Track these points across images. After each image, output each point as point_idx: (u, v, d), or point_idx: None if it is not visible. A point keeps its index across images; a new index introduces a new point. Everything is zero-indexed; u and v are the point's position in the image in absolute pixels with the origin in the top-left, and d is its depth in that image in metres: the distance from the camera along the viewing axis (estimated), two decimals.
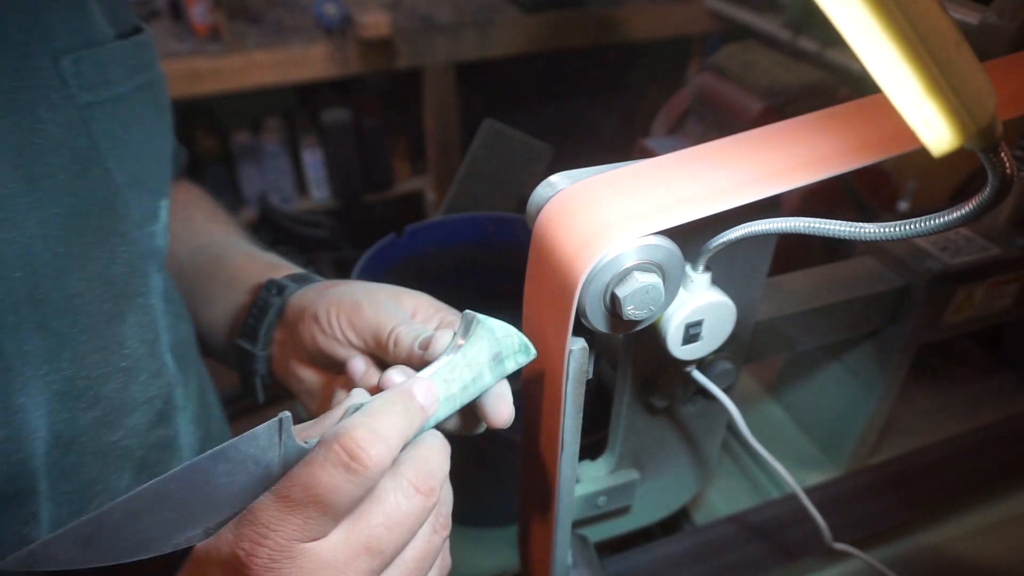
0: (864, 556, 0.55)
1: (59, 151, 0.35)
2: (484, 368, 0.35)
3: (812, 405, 0.76)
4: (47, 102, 0.34)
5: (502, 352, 0.35)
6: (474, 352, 0.34)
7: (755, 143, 0.37)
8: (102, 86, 0.37)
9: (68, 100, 0.35)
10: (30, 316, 0.34)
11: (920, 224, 0.30)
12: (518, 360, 0.36)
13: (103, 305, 0.38)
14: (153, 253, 0.42)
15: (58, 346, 0.36)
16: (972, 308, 0.63)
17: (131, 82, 0.39)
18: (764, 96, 0.94)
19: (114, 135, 0.38)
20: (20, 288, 0.33)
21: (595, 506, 0.52)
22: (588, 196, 0.34)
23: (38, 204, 0.34)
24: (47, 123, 0.34)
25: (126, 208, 0.39)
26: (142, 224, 0.41)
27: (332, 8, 1.58)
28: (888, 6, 0.21)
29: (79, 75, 0.36)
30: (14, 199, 0.33)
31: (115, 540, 0.27)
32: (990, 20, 0.47)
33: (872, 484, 0.65)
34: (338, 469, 0.27)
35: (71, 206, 0.36)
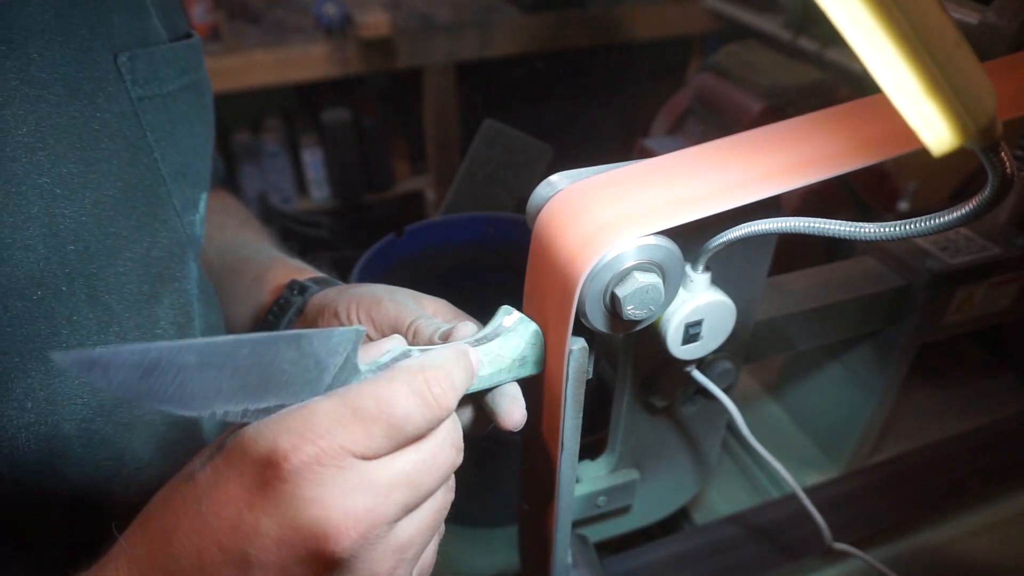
0: (864, 556, 0.55)
1: (114, 139, 0.38)
2: (508, 365, 0.35)
3: (812, 405, 0.76)
4: (105, 93, 0.37)
5: (528, 357, 0.36)
6: (509, 347, 0.35)
7: (755, 143, 0.37)
8: (153, 82, 0.40)
9: (123, 93, 0.38)
10: (83, 288, 0.36)
11: (920, 224, 0.30)
12: (532, 369, 0.37)
13: (143, 285, 0.40)
14: (191, 241, 0.45)
15: (107, 320, 0.38)
16: (972, 308, 0.63)
17: (179, 81, 0.43)
18: (764, 96, 0.94)
19: (162, 128, 0.41)
20: (74, 260, 0.36)
21: (595, 506, 0.52)
22: (588, 196, 0.34)
23: (93, 185, 0.37)
24: (105, 112, 0.37)
25: (168, 197, 0.42)
26: (183, 213, 0.43)
27: (332, 8, 1.58)
28: (888, 6, 0.21)
29: (133, 71, 0.39)
30: (72, 178, 0.35)
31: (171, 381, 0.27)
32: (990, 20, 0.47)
33: (872, 484, 0.65)
34: (418, 398, 0.28)
35: (122, 190, 0.38)
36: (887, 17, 0.21)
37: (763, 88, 0.96)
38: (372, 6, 1.64)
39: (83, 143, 0.36)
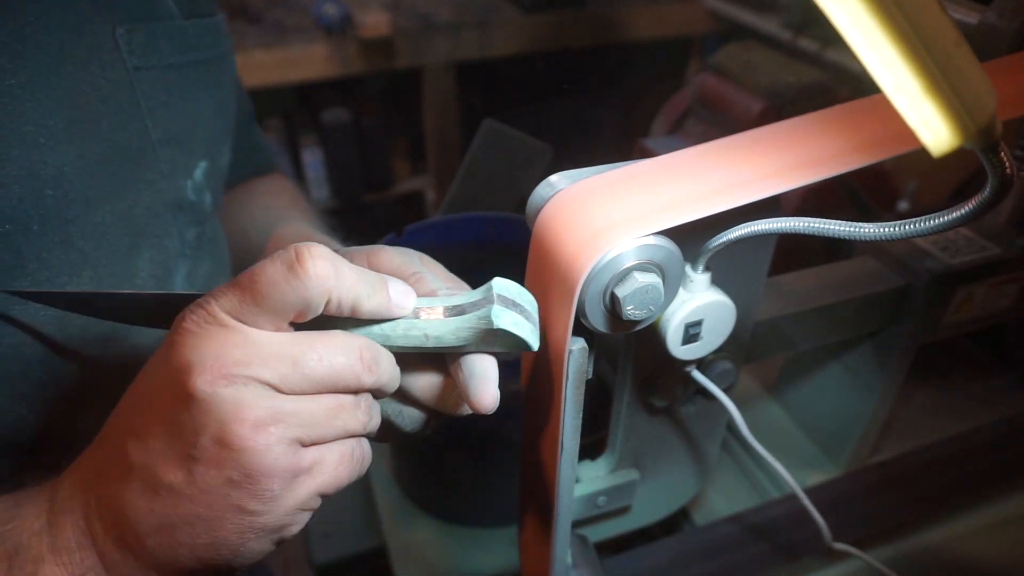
0: (864, 556, 0.55)
1: (105, 102, 0.41)
2: (469, 344, 0.33)
3: (812, 405, 0.76)
4: (100, 61, 0.41)
5: (496, 344, 0.33)
6: (467, 332, 0.33)
7: (755, 143, 0.37)
8: (152, 55, 0.44)
9: (119, 62, 0.42)
10: (56, 230, 0.39)
11: (920, 224, 0.30)
12: (513, 349, 0.34)
13: (123, 238, 0.43)
14: (181, 205, 0.47)
15: (81, 263, 0.41)
16: (972, 308, 0.63)
17: (182, 56, 0.46)
18: (764, 96, 0.94)
19: (156, 97, 0.44)
20: (50, 205, 0.39)
21: (595, 506, 0.52)
22: (588, 196, 0.34)
23: (78, 140, 0.40)
24: (97, 78, 0.41)
25: (156, 161, 0.45)
26: (171, 176, 0.46)
27: (332, 8, 1.58)
28: (888, 6, 0.21)
29: (130, 43, 0.42)
30: (57, 131, 0.39)
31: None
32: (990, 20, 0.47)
33: (872, 484, 0.65)
34: (282, 266, 0.28)
35: (110, 149, 0.42)
36: (887, 17, 0.21)
37: (763, 88, 0.96)
38: (372, 6, 1.64)
39: (72, 102, 0.39)
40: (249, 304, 0.29)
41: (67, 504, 0.30)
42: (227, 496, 0.28)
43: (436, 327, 0.33)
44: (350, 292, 0.30)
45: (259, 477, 0.28)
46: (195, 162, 0.48)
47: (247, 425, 0.27)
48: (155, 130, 0.44)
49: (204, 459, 0.27)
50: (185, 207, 0.48)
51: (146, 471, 0.28)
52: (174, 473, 0.28)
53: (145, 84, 0.43)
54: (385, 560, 0.73)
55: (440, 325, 0.33)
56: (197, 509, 0.28)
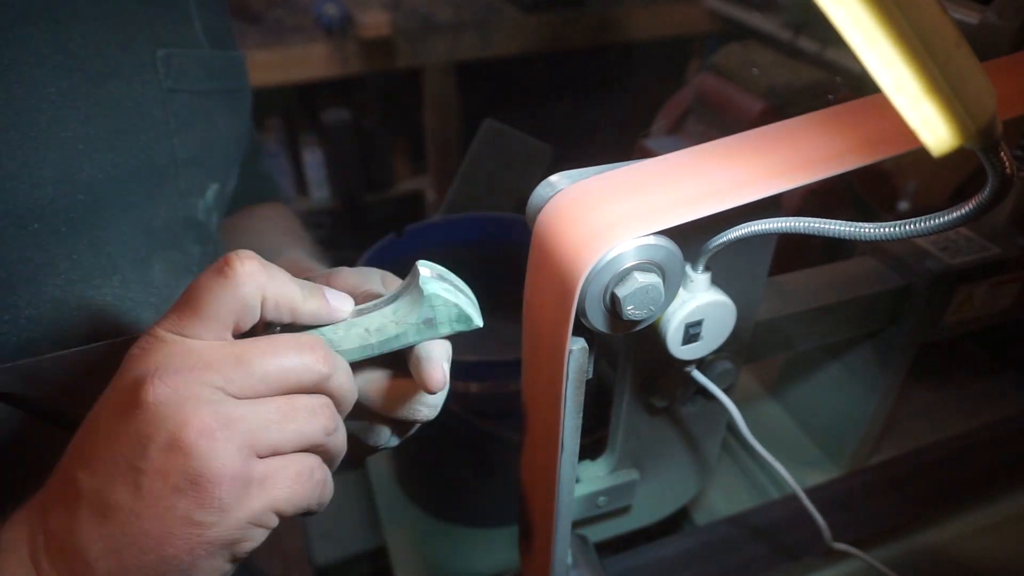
0: (864, 556, 0.55)
1: (143, 118, 0.44)
2: (410, 328, 0.33)
3: (812, 405, 0.76)
4: (140, 79, 0.44)
5: (435, 318, 0.33)
6: (404, 311, 0.33)
7: (755, 143, 0.37)
8: (183, 79, 0.47)
9: (156, 82, 0.45)
10: (85, 233, 0.42)
11: (920, 224, 0.30)
12: (454, 327, 0.34)
13: (142, 248, 0.45)
14: (190, 223, 0.49)
15: (111, 269, 0.43)
16: (972, 308, 0.63)
17: (208, 84, 0.49)
18: (764, 96, 0.94)
19: (184, 118, 0.47)
20: (81, 208, 0.41)
21: (595, 506, 0.52)
22: (588, 196, 0.34)
23: (113, 151, 0.42)
24: (137, 94, 0.44)
25: (177, 178, 0.47)
26: (186, 195, 0.48)
27: (332, 8, 1.58)
28: (888, 6, 0.21)
29: (167, 65, 0.46)
30: (96, 139, 0.41)
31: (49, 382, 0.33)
32: (990, 20, 0.47)
33: (872, 484, 0.65)
34: (212, 273, 0.29)
35: (141, 163, 0.44)
36: (887, 17, 0.21)
37: (763, 88, 0.95)
38: (372, 6, 1.64)
39: (112, 114, 0.42)
40: (188, 316, 0.29)
41: (12, 545, 0.29)
42: (174, 508, 0.27)
43: (374, 319, 0.33)
44: (285, 293, 0.31)
45: (205, 483, 0.27)
46: (209, 184, 0.50)
47: (192, 430, 0.27)
48: (180, 149, 0.47)
49: (150, 470, 0.27)
50: (194, 225, 0.49)
51: (94, 495, 0.28)
52: (122, 491, 0.27)
53: (176, 105, 0.46)
54: (385, 560, 0.73)
55: (377, 316, 0.33)
56: (145, 526, 0.27)
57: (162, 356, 0.28)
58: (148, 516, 0.27)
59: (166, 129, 0.46)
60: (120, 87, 0.43)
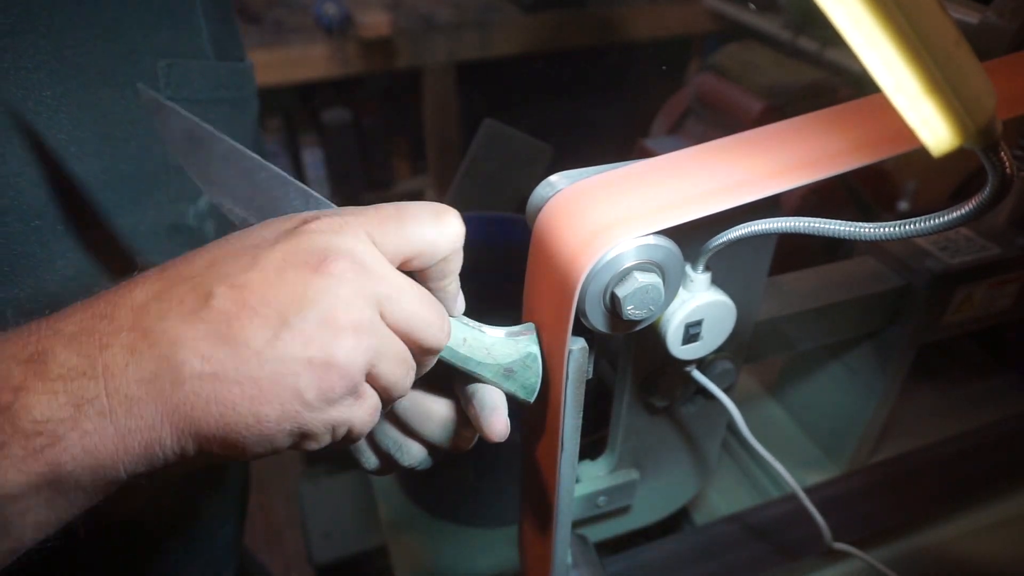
0: (864, 556, 0.55)
1: (136, 125, 0.45)
2: (492, 367, 0.35)
3: (812, 405, 0.76)
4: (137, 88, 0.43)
5: (516, 376, 0.35)
6: (500, 352, 0.35)
7: (755, 143, 0.37)
8: (184, 88, 0.47)
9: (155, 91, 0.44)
10: (74, 234, 0.42)
11: (920, 224, 0.30)
12: (518, 392, 0.36)
13: (126, 252, 0.46)
14: (178, 228, 0.50)
15: (98, 270, 0.44)
16: (972, 308, 0.63)
17: (211, 94, 0.50)
18: (764, 96, 0.94)
19: None
20: (74, 209, 0.42)
21: (595, 506, 0.52)
22: (588, 196, 0.34)
23: (106, 155, 0.43)
24: (130, 101, 0.44)
25: (167, 185, 0.48)
26: (176, 201, 0.49)
27: (332, 8, 1.58)
28: (888, 6, 0.21)
29: (168, 75, 0.46)
30: (88, 143, 0.42)
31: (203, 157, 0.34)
32: (990, 20, 0.47)
33: (872, 484, 0.65)
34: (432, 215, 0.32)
35: (132, 169, 0.45)
36: (887, 17, 0.21)
37: (763, 88, 0.96)
38: (372, 6, 1.64)
39: (106, 120, 0.43)
40: (391, 229, 0.30)
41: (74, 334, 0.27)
42: (297, 375, 0.27)
43: (474, 335, 0.35)
44: (455, 266, 0.33)
45: (334, 371, 0.28)
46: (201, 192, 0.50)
47: (351, 323, 0.28)
48: (173, 157, 0.47)
49: (297, 330, 0.27)
50: (182, 231, 0.50)
51: (224, 318, 0.27)
52: (259, 330, 0.27)
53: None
54: (385, 560, 0.73)
55: (477, 334, 0.35)
56: (260, 373, 0.27)
57: (355, 244, 0.29)
58: (269, 368, 0.27)
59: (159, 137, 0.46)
60: (113, 94, 0.43)
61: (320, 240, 0.29)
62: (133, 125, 0.45)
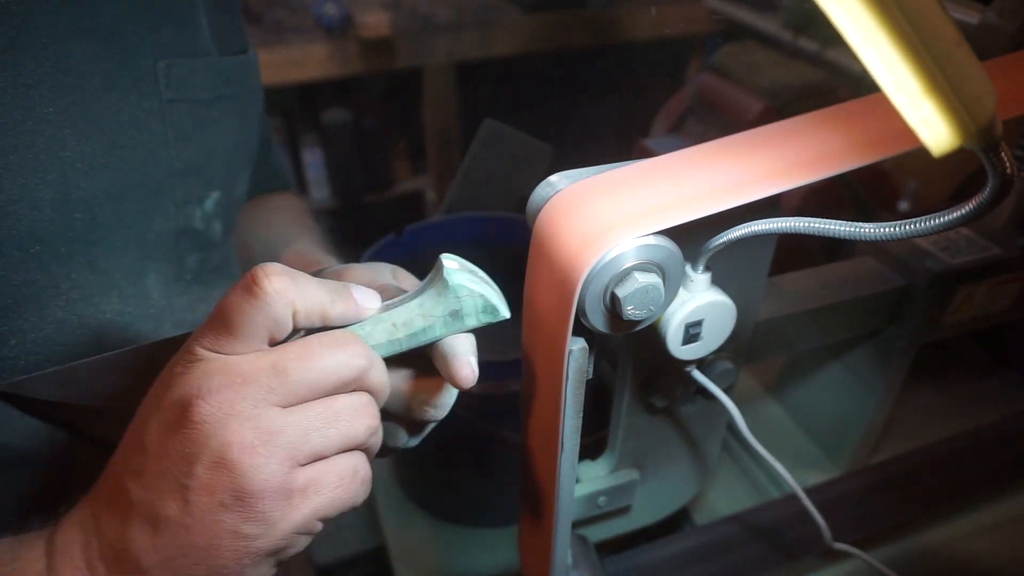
0: (864, 556, 0.55)
1: (140, 131, 0.43)
2: (437, 321, 0.33)
3: (812, 405, 0.76)
4: (139, 92, 0.43)
5: (462, 310, 0.33)
6: (430, 304, 0.33)
7: (755, 143, 0.37)
8: (186, 88, 0.46)
9: (156, 93, 0.44)
10: (82, 252, 0.42)
11: (920, 224, 0.30)
12: (480, 319, 0.34)
13: (136, 261, 0.45)
14: (186, 232, 0.49)
15: (108, 285, 0.43)
16: (972, 308, 0.63)
17: (214, 91, 0.48)
18: (764, 96, 0.94)
19: (184, 129, 0.46)
20: (79, 228, 0.41)
21: (595, 506, 0.52)
22: (588, 196, 0.34)
23: (112, 166, 0.42)
24: (134, 107, 0.43)
25: (172, 189, 0.47)
26: (182, 205, 0.48)
27: (332, 8, 1.58)
28: (888, 6, 0.21)
29: (168, 76, 0.45)
30: (95, 157, 0.41)
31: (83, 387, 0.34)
32: (990, 20, 0.47)
33: (872, 484, 0.65)
34: (240, 291, 0.30)
35: (138, 177, 0.44)
36: (887, 17, 0.21)
37: (763, 88, 0.95)
38: (372, 6, 1.64)
39: (111, 130, 0.42)
40: (223, 335, 0.29)
41: (67, 548, 0.30)
42: (222, 522, 0.28)
43: (400, 314, 0.33)
44: (314, 301, 0.31)
45: (249, 499, 0.28)
46: (208, 192, 0.50)
47: (235, 448, 0.28)
48: (177, 160, 0.46)
49: (197, 487, 0.28)
50: (190, 234, 0.49)
51: (144, 506, 0.29)
52: (170, 505, 0.28)
53: (175, 116, 0.45)
54: (385, 560, 0.73)
55: (403, 310, 0.33)
56: (194, 539, 0.28)
57: (204, 375, 0.29)
58: (197, 529, 0.28)
59: (164, 140, 0.45)
60: (117, 101, 0.42)
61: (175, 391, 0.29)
62: (138, 131, 0.43)
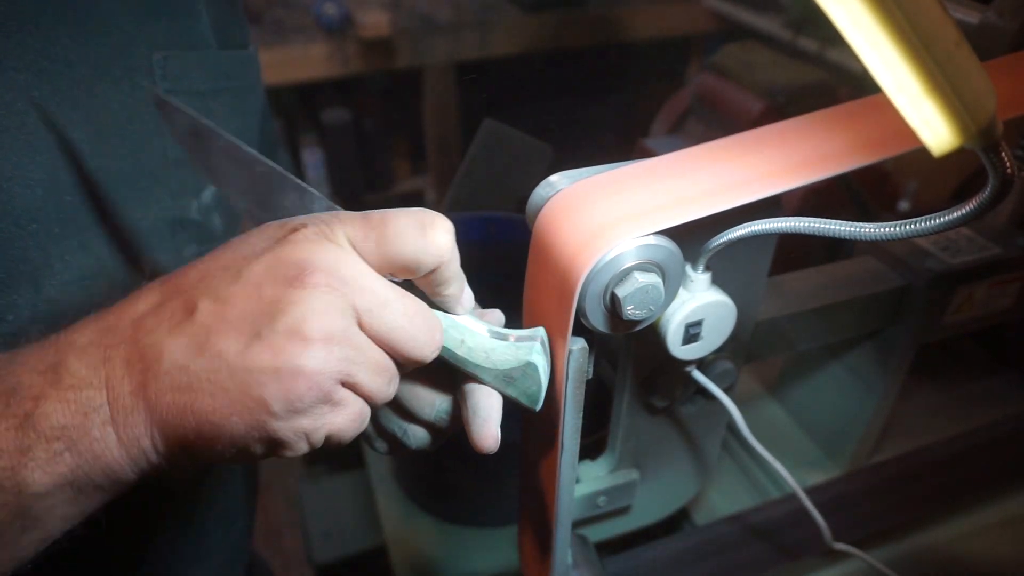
0: (864, 556, 0.55)
1: (132, 122, 0.43)
2: (492, 372, 0.34)
3: (812, 405, 0.76)
4: (132, 82, 0.43)
5: (517, 383, 0.35)
6: (501, 356, 0.34)
7: (755, 143, 0.37)
8: (182, 80, 0.46)
9: (151, 85, 0.44)
10: (74, 235, 0.42)
11: (920, 224, 0.30)
12: (521, 398, 0.35)
13: (129, 249, 0.45)
14: (183, 223, 0.49)
15: (99, 269, 0.43)
16: (972, 308, 0.63)
17: (212, 84, 0.48)
18: (764, 96, 0.94)
19: None
20: (69, 211, 0.41)
21: (595, 506, 0.52)
22: (588, 196, 0.34)
23: (100, 155, 0.42)
24: (127, 97, 0.43)
25: (168, 180, 0.47)
26: (178, 196, 0.48)
27: (332, 8, 1.58)
28: (888, 6, 0.21)
29: (164, 68, 0.45)
30: (80, 143, 0.41)
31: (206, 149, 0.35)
32: (990, 20, 0.47)
33: (872, 484, 0.65)
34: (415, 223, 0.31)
35: (129, 167, 0.44)
36: (887, 17, 0.21)
37: (763, 88, 0.95)
38: (372, 6, 1.64)
39: (100, 118, 0.42)
40: (373, 240, 0.30)
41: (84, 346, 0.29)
42: (263, 384, 0.28)
43: (475, 338, 0.34)
44: (451, 274, 0.32)
45: (301, 380, 0.28)
46: (205, 184, 0.50)
47: (317, 330, 0.28)
48: (172, 150, 0.46)
49: (267, 342, 0.28)
50: (187, 225, 0.49)
51: (204, 331, 0.28)
52: (232, 342, 0.28)
53: None
54: (385, 560, 0.73)
55: (479, 338, 0.34)
56: (230, 384, 0.28)
57: (335, 258, 0.29)
58: (238, 377, 0.28)
59: (157, 131, 0.45)
60: (108, 90, 0.42)
61: (301, 252, 0.29)
62: (130, 122, 0.43)
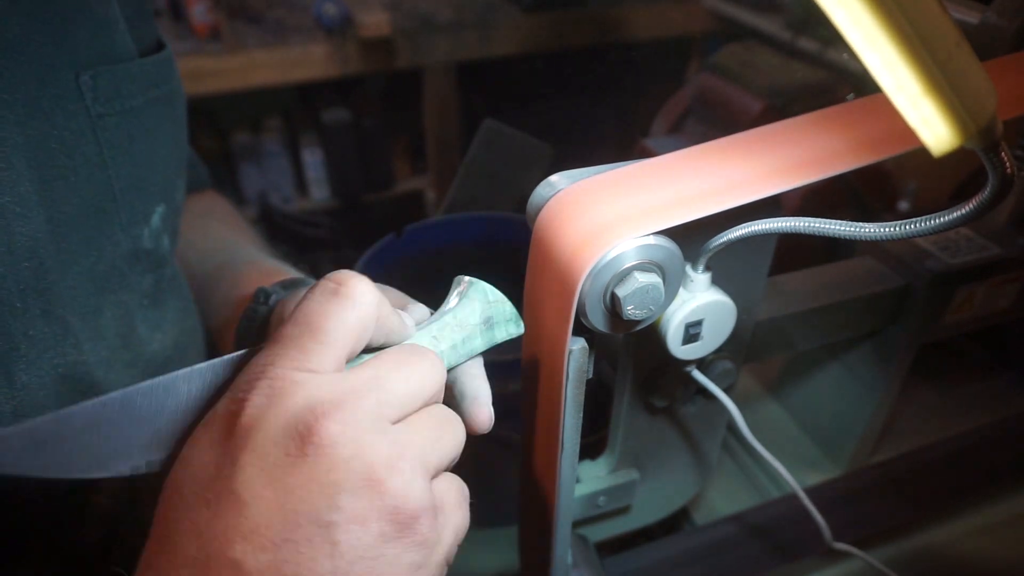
0: (864, 556, 0.55)
1: (71, 156, 0.38)
2: (475, 331, 0.34)
3: (812, 405, 0.76)
4: (64, 111, 0.38)
5: (493, 317, 0.34)
6: (465, 313, 0.33)
7: (755, 143, 0.37)
8: (115, 100, 0.41)
9: (83, 111, 0.39)
10: (36, 303, 0.37)
11: (920, 224, 0.30)
12: (508, 331, 0.35)
13: (90, 297, 0.41)
14: (137, 255, 0.45)
15: (63, 333, 0.39)
16: (972, 308, 0.63)
17: (144, 96, 0.43)
18: (764, 96, 0.94)
19: (119, 144, 0.41)
20: (28, 277, 0.36)
21: (595, 506, 0.52)
22: (588, 196, 0.34)
23: (48, 203, 0.37)
24: (62, 130, 0.38)
25: (116, 212, 0.42)
26: (128, 227, 0.44)
27: (332, 8, 1.58)
28: (888, 6, 0.21)
29: (95, 89, 0.39)
30: (29, 196, 0.36)
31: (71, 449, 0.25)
32: (990, 20, 0.47)
33: (872, 484, 0.65)
34: (327, 296, 0.27)
35: (76, 206, 0.39)
36: (887, 17, 0.21)
37: (763, 88, 0.95)
38: (372, 6, 1.64)
39: (40, 161, 0.37)
40: (311, 345, 0.26)
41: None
42: (383, 556, 0.24)
43: (438, 328, 0.33)
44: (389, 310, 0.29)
45: (409, 521, 0.25)
46: (152, 207, 0.46)
47: (380, 467, 0.24)
48: (117, 180, 0.42)
49: (345, 520, 0.24)
50: (141, 256, 0.45)
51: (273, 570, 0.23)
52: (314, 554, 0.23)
53: (107, 131, 0.40)
54: None
55: (440, 324, 0.33)
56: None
57: (310, 395, 0.25)
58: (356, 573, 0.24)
59: (99, 161, 0.40)
60: (42, 126, 0.36)
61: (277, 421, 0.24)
62: (69, 157, 0.38)
